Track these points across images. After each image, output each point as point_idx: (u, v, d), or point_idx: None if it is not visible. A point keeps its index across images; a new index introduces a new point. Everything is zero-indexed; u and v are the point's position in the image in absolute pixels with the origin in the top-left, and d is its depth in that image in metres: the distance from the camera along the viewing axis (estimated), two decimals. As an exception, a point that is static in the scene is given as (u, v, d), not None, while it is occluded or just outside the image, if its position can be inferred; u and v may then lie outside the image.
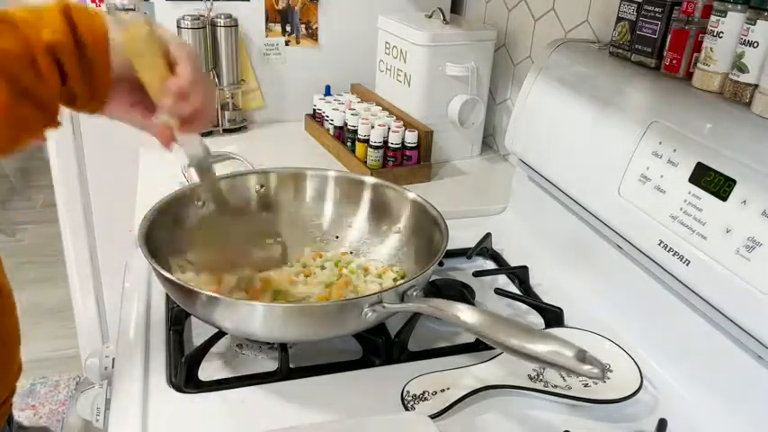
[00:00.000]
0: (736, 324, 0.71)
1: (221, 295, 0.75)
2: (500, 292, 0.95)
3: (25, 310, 0.71)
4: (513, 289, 0.99)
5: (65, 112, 0.85)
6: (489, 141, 1.56)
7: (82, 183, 1.67)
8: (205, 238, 0.90)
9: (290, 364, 0.79)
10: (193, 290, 0.74)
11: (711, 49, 0.80)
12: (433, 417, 0.72)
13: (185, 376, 0.77)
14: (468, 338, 0.87)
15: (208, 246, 0.90)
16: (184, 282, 0.76)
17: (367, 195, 1.01)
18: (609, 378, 0.75)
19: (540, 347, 0.65)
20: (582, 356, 0.63)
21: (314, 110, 1.54)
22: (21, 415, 1.97)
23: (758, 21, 0.74)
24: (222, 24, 1.46)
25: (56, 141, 1.63)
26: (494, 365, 0.80)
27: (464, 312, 0.71)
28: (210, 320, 0.78)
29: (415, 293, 0.77)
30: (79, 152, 1.64)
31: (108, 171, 1.65)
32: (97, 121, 1.16)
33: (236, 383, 0.78)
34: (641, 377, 0.76)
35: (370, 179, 1.02)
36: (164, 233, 0.87)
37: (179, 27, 1.43)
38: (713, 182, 0.74)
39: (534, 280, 1.01)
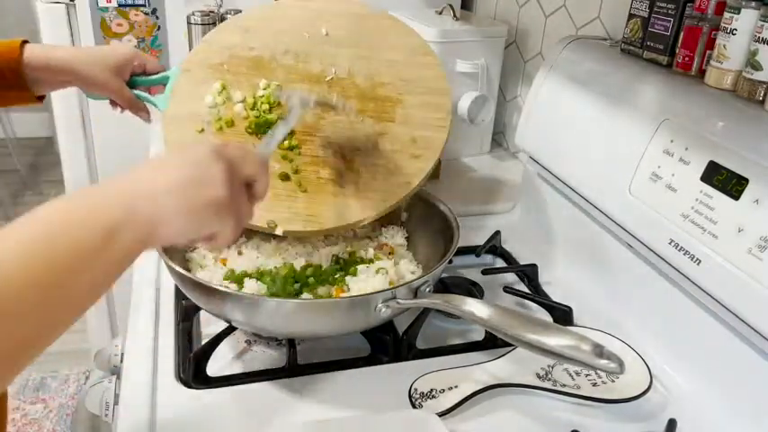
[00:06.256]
0: (748, 324, 0.71)
1: (230, 290, 0.76)
2: (509, 290, 0.94)
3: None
4: (522, 287, 0.98)
5: (75, 108, 0.86)
6: (499, 139, 1.55)
7: (92, 178, 1.68)
8: None
9: (299, 361, 0.80)
10: (204, 284, 0.75)
11: (725, 46, 0.79)
12: (441, 414, 0.72)
13: (193, 372, 0.77)
14: (477, 336, 0.86)
15: None
16: (195, 276, 0.77)
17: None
18: (618, 377, 0.75)
19: (556, 341, 0.65)
20: (599, 351, 0.63)
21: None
22: (31, 408, 1.99)
23: (773, 18, 0.73)
24: (232, 20, 1.46)
25: (66, 137, 1.64)
26: (502, 363, 0.79)
27: (478, 307, 0.71)
28: (221, 314, 0.78)
29: (428, 289, 0.77)
30: (90, 147, 1.65)
31: (118, 166, 1.65)
32: (107, 117, 1.17)
33: (245, 379, 0.78)
34: (651, 377, 0.76)
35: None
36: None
37: (189, 23, 1.43)
38: (725, 181, 0.73)
39: (543, 278, 1.00)
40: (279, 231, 0.84)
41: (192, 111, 0.90)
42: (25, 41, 0.86)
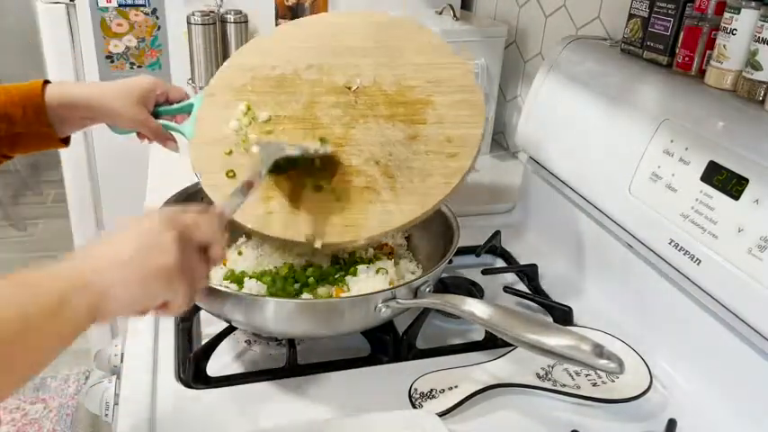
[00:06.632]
0: (748, 324, 0.71)
1: (230, 290, 0.76)
2: (509, 290, 0.95)
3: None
4: (522, 287, 0.98)
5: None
6: (499, 139, 1.55)
7: (92, 178, 1.68)
8: None
9: (299, 361, 0.80)
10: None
11: (725, 46, 0.79)
12: (441, 414, 0.72)
13: (193, 372, 0.77)
14: (477, 336, 0.86)
15: None
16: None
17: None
18: (618, 377, 0.75)
19: (556, 341, 0.65)
20: (599, 351, 0.63)
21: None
22: (31, 408, 1.99)
23: (773, 18, 0.73)
24: (232, 20, 1.46)
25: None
26: (502, 363, 0.79)
27: (478, 307, 0.71)
28: (222, 314, 0.78)
29: (428, 289, 0.77)
30: (90, 148, 1.65)
31: (118, 167, 1.65)
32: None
33: (244, 379, 0.78)
34: (650, 377, 0.76)
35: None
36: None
37: (189, 23, 1.43)
38: (725, 181, 0.73)
39: (543, 278, 1.00)
40: (317, 245, 0.83)
41: (219, 135, 0.89)
42: (47, 81, 0.85)
